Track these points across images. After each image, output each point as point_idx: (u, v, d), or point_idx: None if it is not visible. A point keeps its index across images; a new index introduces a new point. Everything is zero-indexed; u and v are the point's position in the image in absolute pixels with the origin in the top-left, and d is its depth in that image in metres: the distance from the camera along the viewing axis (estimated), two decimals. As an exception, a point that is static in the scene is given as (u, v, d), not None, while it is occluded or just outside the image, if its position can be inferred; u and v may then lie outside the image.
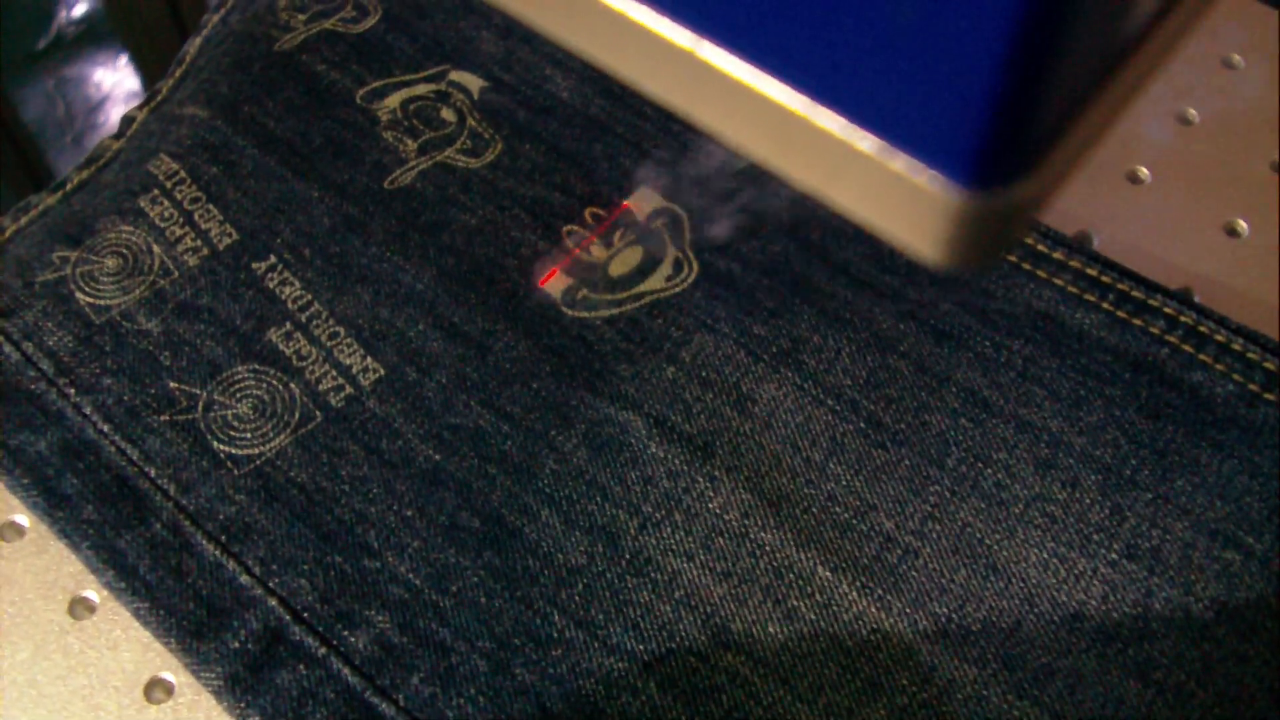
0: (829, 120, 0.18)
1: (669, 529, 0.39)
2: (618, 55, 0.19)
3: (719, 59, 0.18)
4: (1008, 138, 0.16)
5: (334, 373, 0.42)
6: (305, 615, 0.38)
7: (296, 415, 0.41)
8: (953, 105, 0.16)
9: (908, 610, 0.37)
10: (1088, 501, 0.39)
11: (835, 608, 0.37)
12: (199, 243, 0.45)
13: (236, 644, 0.37)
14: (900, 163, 0.17)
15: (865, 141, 0.17)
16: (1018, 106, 0.16)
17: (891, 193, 0.18)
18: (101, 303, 0.43)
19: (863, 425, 0.41)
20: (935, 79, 0.16)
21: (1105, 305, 0.42)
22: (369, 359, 0.42)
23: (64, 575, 0.39)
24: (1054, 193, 0.18)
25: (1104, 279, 0.43)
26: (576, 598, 0.38)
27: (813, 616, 0.37)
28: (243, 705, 0.37)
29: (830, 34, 0.17)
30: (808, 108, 0.18)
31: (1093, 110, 0.18)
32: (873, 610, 0.37)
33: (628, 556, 0.38)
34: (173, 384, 0.42)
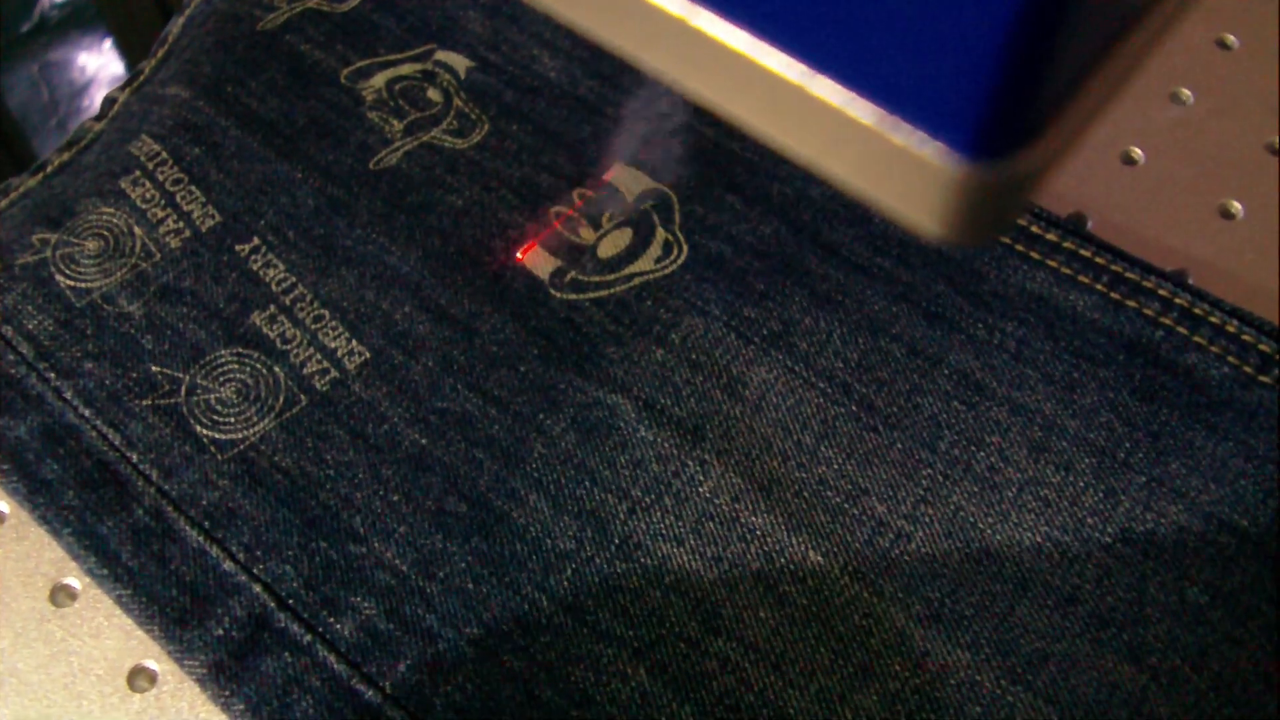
0: (827, 90, 0.17)
1: (659, 513, 0.38)
2: (608, 24, 0.19)
3: (713, 27, 0.18)
4: (1012, 106, 0.16)
5: (319, 356, 0.41)
6: (290, 602, 0.37)
7: (281, 399, 0.41)
8: (956, 72, 0.16)
9: (900, 595, 0.37)
10: (1081, 485, 0.39)
11: (827, 592, 0.37)
12: (181, 224, 0.44)
13: (220, 631, 0.37)
14: (900, 134, 0.17)
15: (864, 112, 0.17)
16: (1023, 74, 0.16)
17: (891, 165, 0.17)
18: (82, 285, 0.43)
19: (854, 408, 0.40)
20: (938, 45, 0.16)
21: (1099, 287, 0.42)
22: (354, 342, 0.42)
23: (45, 562, 0.39)
24: (1055, 166, 0.17)
25: (1098, 260, 0.43)
26: (565, 583, 0.37)
27: (804, 601, 0.37)
28: (227, 693, 0.36)
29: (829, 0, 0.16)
30: (805, 77, 0.17)
31: (1095, 83, 0.18)
32: (865, 595, 0.37)
33: (617, 541, 0.38)
34: (155, 368, 0.41)
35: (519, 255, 0.43)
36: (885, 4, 0.16)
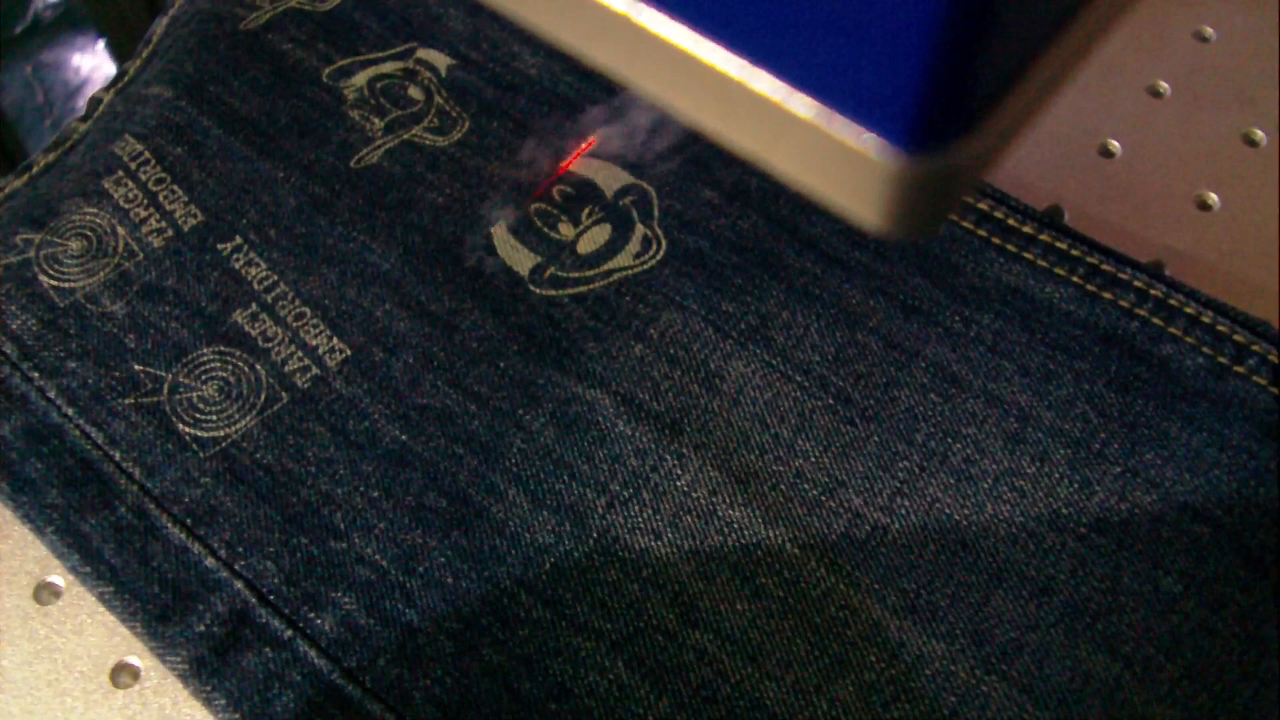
0: (766, 84, 0.17)
1: (637, 507, 0.39)
2: (554, 21, 0.19)
3: (657, 23, 0.18)
4: (944, 99, 0.16)
5: (300, 353, 0.42)
6: (271, 597, 0.37)
7: (262, 397, 0.41)
8: (889, 66, 0.16)
9: (876, 586, 0.37)
10: (1057, 476, 0.39)
11: (803, 584, 0.37)
12: (164, 224, 0.44)
13: (202, 627, 0.37)
14: (837, 126, 0.17)
15: (802, 105, 0.17)
16: (953, 67, 0.16)
17: (829, 157, 0.17)
18: (65, 285, 0.43)
19: (831, 402, 0.40)
20: (871, 39, 0.16)
21: (1075, 279, 0.42)
22: (335, 339, 0.42)
23: (29, 560, 0.39)
24: (994, 157, 0.18)
25: (1074, 252, 0.43)
26: (544, 577, 0.38)
27: (781, 593, 0.37)
28: (209, 689, 0.36)
29: (764, -4, 0.16)
30: (745, 71, 0.17)
31: (1035, 73, 0.18)
32: (841, 587, 0.37)
33: (595, 535, 0.38)
34: (138, 367, 0.41)
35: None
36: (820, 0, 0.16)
